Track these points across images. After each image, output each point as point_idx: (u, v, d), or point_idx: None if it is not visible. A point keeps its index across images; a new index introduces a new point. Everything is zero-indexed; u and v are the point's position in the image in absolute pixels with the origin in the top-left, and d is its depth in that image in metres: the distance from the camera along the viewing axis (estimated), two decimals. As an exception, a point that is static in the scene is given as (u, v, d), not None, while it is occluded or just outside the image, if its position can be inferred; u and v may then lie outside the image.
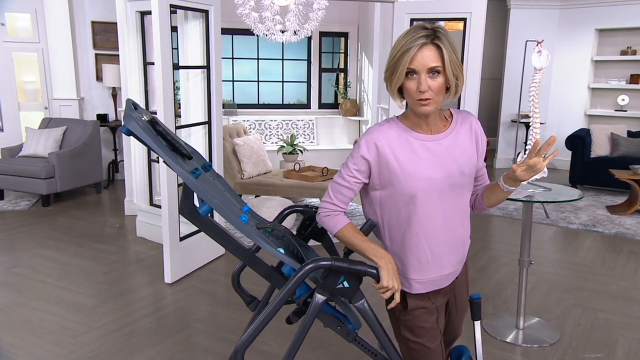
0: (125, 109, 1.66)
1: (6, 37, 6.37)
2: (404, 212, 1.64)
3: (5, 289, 3.55)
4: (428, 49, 1.48)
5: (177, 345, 2.87)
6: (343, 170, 1.69)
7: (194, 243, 3.87)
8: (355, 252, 1.73)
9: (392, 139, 1.61)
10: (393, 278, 1.64)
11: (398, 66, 1.50)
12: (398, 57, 1.50)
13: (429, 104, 1.53)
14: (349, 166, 1.66)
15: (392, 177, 1.61)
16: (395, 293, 1.64)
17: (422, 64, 1.48)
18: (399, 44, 1.52)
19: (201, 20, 3.86)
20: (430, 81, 1.51)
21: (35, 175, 5.49)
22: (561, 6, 7.70)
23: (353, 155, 1.65)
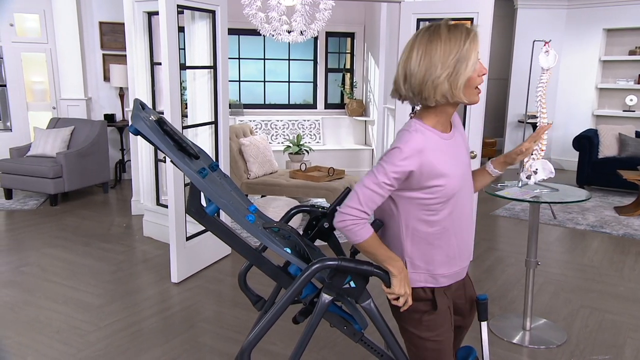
0: (133, 109, 1.67)
1: (15, 37, 6.42)
2: (440, 212, 1.62)
3: (13, 288, 3.57)
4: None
5: (184, 345, 2.87)
6: (379, 177, 1.55)
7: (200, 243, 3.88)
8: (372, 259, 1.65)
9: (429, 143, 1.58)
10: (405, 285, 1.64)
11: (470, 55, 1.50)
12: (466, 45, 1.50)
13: (480, 91, 1.58)
14: (388, 174, 1.55)
15: (434, 181, 1.57)
16: (409, 298, 1.66)
17: (480, 50, 1.55)
18: (454, 37, 1.51)
19: (208, 21, 3.87)
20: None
21: (43, 174, 5.53)
22: (569, 6, 7.66)
23: (394, 163, 1.54)
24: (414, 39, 1.57)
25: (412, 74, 1.54)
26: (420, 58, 1.53)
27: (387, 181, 1.55)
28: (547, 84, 2.96)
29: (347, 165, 6.43)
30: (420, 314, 1.72)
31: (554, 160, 8.07)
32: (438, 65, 1.51)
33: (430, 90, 1.53)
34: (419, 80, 1.53)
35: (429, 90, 1.54)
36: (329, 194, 5.04)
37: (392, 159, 1.54)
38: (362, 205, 1.57)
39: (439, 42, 1.51)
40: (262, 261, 1.88)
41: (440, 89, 1.52)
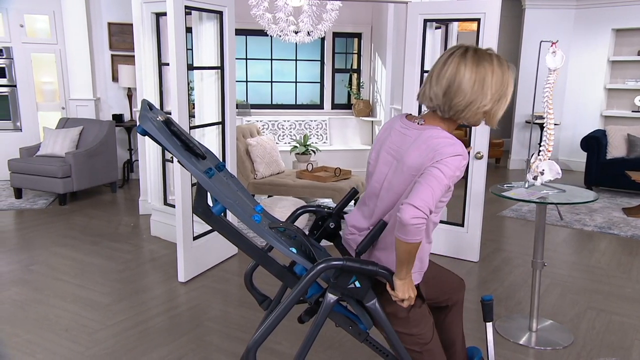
0: (140, 110, 1.69)
1: (25, 38, 6.48)
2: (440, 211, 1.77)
3: (23, 286, 3.61)
4: None
5: (190, 344, 2.89)
6: (448, 177, 1.57)
7: (207, 242, 3.90)
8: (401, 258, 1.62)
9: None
10: (410, 289, 1.69)
11: (510, 90, 1.67)
12: (509, 84, 1.66)
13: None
14: (454, 176, 1.59)
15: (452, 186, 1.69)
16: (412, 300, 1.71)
17: None
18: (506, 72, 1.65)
19: (215, 21, 3.89)
20: None
21: (52, 174, 5.58)
22: (577, 6, 7.62)
23: (457, 169, 1.58)
24: (460, 57, 1.62)
25: (461, 91, 1.60)
26: (474, 81, 1.59)
27: (451, 182, 1.60)
28: (554, 85, 2.96)
29: (353, 166, 6.43)
30: (406, 311, 1.79)
31: (562, 161, 8.02)
32: (488, 95, 1.60)
33: (472, 113, 1.62)
34: (467, 101, 1.60)
35: (471, 112, 1.62)
36: (335, 194, 5.05)
37: (453, 164, 1.57)
38: (432, 203, 1.54)
39: (491, 71, 1.60)
40: (268, 261, 1.90)
41: (481, 115, 1.63)
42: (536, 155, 3.01)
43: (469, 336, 2.90)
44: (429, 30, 4.15)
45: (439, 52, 4.54)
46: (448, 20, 4.26)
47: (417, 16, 4.06)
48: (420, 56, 4.10)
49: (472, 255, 4.18)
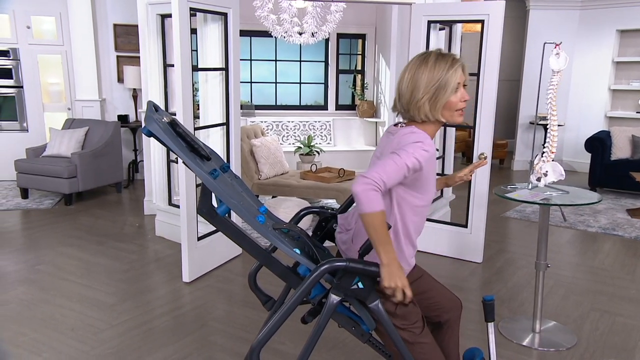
0: (146, 111, 1.71)
1: (32, 40, 6.54)
2: (423, 208, 1.87)
3: (29, 286, 3.64)
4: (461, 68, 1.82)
5: (195, 344, 2.91)
6: (404, 157, 1.68)
7: (211, 243, 3.92)
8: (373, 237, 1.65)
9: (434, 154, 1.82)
10: (396, 277, 1.66)
11: (449, 83, 1.78)
12: (447, 75, 1.78)
13: (463, 113, 1.86)
14: (411, 159, 1.68)
15: (429, 179, 1.80)
16: (405, 289, 1.68)
17: (463, 79, 1.82)
18: (438, 67, 1.78)
19: (220, 23, 3.91)
20: (465, 93, 1.83)
21: (58, 174, 5.62)
22: (582, 7, 7.61)
23: (415, 155, 1.69)
24: (408, 64, 1.86)
25: (402, 94, 1.83)
26: (408, 81, 1.82)
27: (409, 164, 1.68)
28: (558, 86, 2.96)
29: (357, 167, 6.44)
30: (394, 305, 1.80)
31: (566, 162, 8.01)
32: (420, 89, 1.79)
33: (415, 110, 1.82)
34: (406, 100, 1.82)
35: (413, 110, 1.82)
36: (339, 195, 5.07)
37: (415, 149, 1.71)
38: (385, 176, 1.64)
39: (425, 69, 1.80)
40: (272, 261, 1.91)
41: (423, 109, 1.80)
42: (539, 157, 3.01)
43: (471, 337, 2.93)
44: (433, 31, 4.16)
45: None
46: (452, 22, 4.27)
47: (421, 17, 4.07)
48: (424, 57, 4.11)
49: (476, 256, 4.18)
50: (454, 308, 2.08)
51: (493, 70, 3.87)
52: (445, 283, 3.67)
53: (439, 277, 3.80)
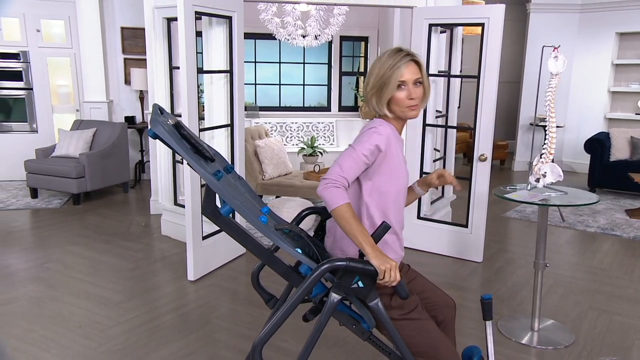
0: (152, 114, 1.76)
1: (41, 43, 6.63)
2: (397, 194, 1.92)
3: (38, 284, 3.72)
4: (412, 65, 1.85)
5: (199, 341, 2.96)
6: (358, 149, 1.79)
7: (216, 242, 3.97)
8: (347, 231, 1.73)
9: (394, 137, 1.88)
10: (386, 259, 1.70)
11: (389, 80, 1.83)
12: (389, 72, 1.83)
13: (416, 109, 1.88)
14: (366, 147, 1.79)
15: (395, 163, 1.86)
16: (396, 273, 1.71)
17: (409, 77, 1.84)
18: (385, 63, 1.85)
19: (225, 26, 3.96)
20: (416, 90, 1.85)
21: (66, 175, 5.70)
22: (581, 10, 7.64)
23: (369, 141, 1.80)
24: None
25: (365, 87, 1.93)
26: (368, 75, 1.92)
27: (365, 153, 1.78)
28: (556, 89, 3.01)
29: (360, 167, 6.49)
30: (388, 296, 1.86)
31: (566, 163, 8.04)
32: (370, 84, 1.88)
33: (368, 103, 1.90)
34: (363, 93, 1.92)
35: (367, 102, 1.91)
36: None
37: (368, 137, 1.82)
38: (343, 171, 1.77)
39: (378, 64, 1.88)
40: (274, 261, 1.95)
41: (371, 103, 1.90)
42: (538, 158, 3.06)
43: (470, 335, 2.98)
44: (434, 34, 4.21)
45: (444, 56, 4.60)
46: (452, 25, 4.32)
47: (422, 21, 4.12)
48: (425, 60, 4.16)
49: (476, 255, 4.23)
50: (449, 307, 2.13)
51: (493, 73, 3.91)
52: (446, 282, 3.76)
53: (440, 276, 3.90)
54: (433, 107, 4.45)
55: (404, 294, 1.76)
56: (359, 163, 1.79)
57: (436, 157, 4.78)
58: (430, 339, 1.89)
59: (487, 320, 2.19)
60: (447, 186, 4.98)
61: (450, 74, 4.60)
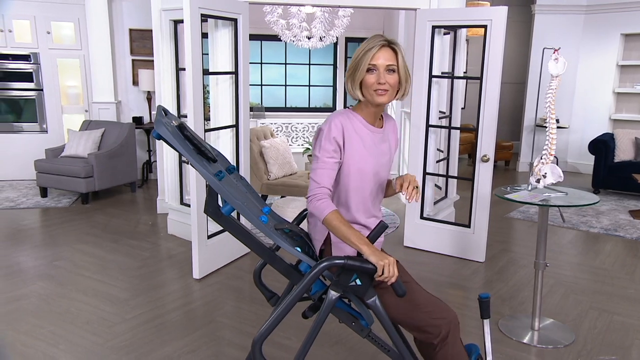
0: (156, 115, 1.81)
1: (52, 44, 6.73)
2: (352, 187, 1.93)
3: (47, 281, 3.79)
4: (386, 51, 1.84)
5: (204, 338, 3.01)
6: (320, 155, 1.85)
7: (221, 241, 4.02)
8: (339, 236, 1.81)
9: (351, 125, 1.90)
10: (383, 255, 1.75)
11: (361, 63, 1.84)
12: (361, 55, 1.84)
13: (385, 95, 1.86)
14: (326, 147, 1.85)
15: (351, 155, 1.88)
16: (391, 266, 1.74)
17: (382, 62, 1.83)
18: (361, 46, 1.86)
19: (230, 28, 4.01)
20: (387, 76, 1.84)
21: (75, 174, 5.78)
22: (586, 11, 7.63)
23: (325, 140, 1.85)
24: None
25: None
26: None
27: (328, 155, 1.83)
28: (557, 91, 3.03)
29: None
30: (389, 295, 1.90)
31: (570, 164, 8.04)
32: (349, 67, 1.89)
33: (346, 87, 1.93)
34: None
35: (346, 86, 1.93)
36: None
37: (322, 136, 1.86)
38: (320, 182, 1.84)
39: (357, 49, 1.89)
40: (275, 259, 1.99)
41: (348, 86, 1.91)
42: (539, 159, 3.08)
43: (472, 334, 3.01)
44: (438, 35, 4.24)
45: (447, 57, 4.63)
46: (455, 27, 4.35)
47: (425, 22, 4.15)
48: (428, 61, 4.20)
49: (478, 255, 4.26)
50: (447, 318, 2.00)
51: (495, 74, 3.94)
52: (448, 282, 3.80)
53: (442, 275, 3.93)
54: (436, 108, 4.48)
55: (400, 291, 1.80)
56: (328, 167, 1.85)
57: (440, 158, 4.81)
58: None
59: (485, 319, 2.22)
60: (450, 186, 5.00)
61: (453, 75, 4.63)
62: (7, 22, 6.51)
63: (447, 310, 1.97)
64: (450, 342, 1.95)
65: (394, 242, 4.66)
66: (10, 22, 6.53)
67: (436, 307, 1.96)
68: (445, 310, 1.97)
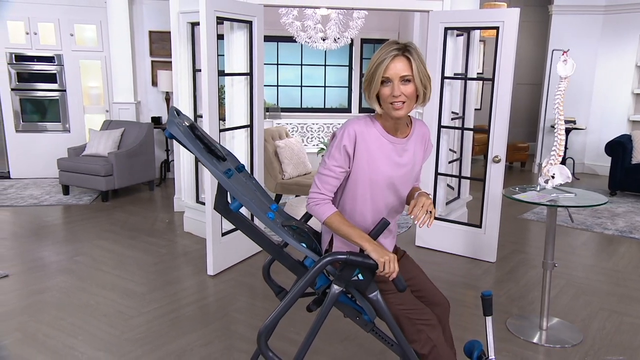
0: (168, 116, 1.90)
1: (75, 46, 6.92)
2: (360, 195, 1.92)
3: (68, 275, 3.92)
4: (399, 60, 1.77)
5: (216, 332, 3.09)
6: (328, 161, 1.87)
7: (234, 238, 4.08)
8: (342, 236, 1.87)
9: (367, 134, 1.86)
10: (383, 251, 1.80)
11: (375, 76, 1.78)
12: (374, 68, 1.78)
13: (402, 108, 1.80)
14: (334, 155, 1.85)
15: (361, 165, 1.86)
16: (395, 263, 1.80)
17: (395, 73, 1.77)
18: (374, 57, 1.80)
19: (245, 30, 4.08)
20: (402, 87, 1.77)
21: (96, 173, 5.93)
22: (605, 11, 7.54)
23: (335, 147, 1.85)
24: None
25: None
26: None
27: (335, 163, 1.84)
28: (565, 92, 3.05)
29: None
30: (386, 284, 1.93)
31: (588, 165, 7.96)
32: (364, 79, 1.85)
33: (364, 95, 1.87)
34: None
35: (364, 95, 1.87)
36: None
37: (334, 142, 1.86)
38: (320, 188, 1.88)
39: (371, 59, 1.83)
40: (282, 255, 2.06)
41: (365, 96, 1.86)
42: (547, 160, 3.10)
43: (479, 332, 3.04)
44: (450, 37, 4.27)
45: (461, 58, 4.65)
46: (467, 29, 4.37)
47: (438, 24, 4.18)
48: (441, 63, 4.23)
49: (490, 255, 4.27)
50: (441, 306, 2.15)
51: (507, 76, 3.95)
52: (459, 281, 3.83)
53: (453, 275, 3.97)
54: (449, 109, 4.51)
55: (401, 286, 1.85)
56: (332, 175, 1.86)
57: (452, 159, 4.83)
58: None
59: (487, 316, 2.26)
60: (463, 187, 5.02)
61: (466, 76, 4.65)
62: (32, 25, 6.72)
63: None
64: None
65: (406, 241, 4.70)
66: (36, 25, 6.74)
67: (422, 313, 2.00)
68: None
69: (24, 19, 6.68)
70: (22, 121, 7.00)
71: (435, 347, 1.94)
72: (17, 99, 6.92)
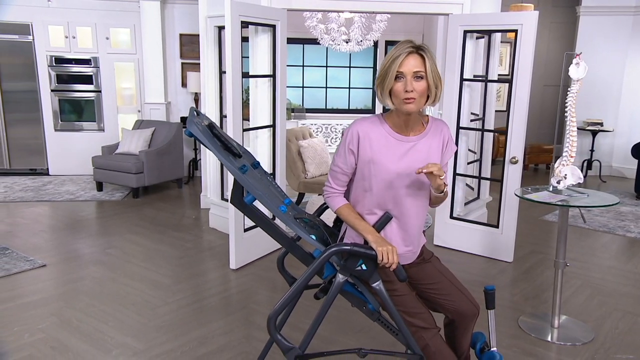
0: (188, 116, 2.05)
1: (110, 49, 7.22)
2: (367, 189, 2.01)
3: (100, 266, 4.15)
4: (413, 57, 1.84)
5: (237, 322, 3.24)
6: (336, 159, 2.04)
7: (256, 235, 4.21)
8: (350, 226, 2.04)
9: (372, 132, 1.96)
10: (383, 242, 1.92)
11: (389, 71, 1.84)
12: (389, 63, 1.85)
13: (413, 103, 1.86)
14: (341, 153, 2.02)
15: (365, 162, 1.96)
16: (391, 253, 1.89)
17: (409, 69, 1.83)
18: (389, 54, 1.88)
19: (269, 34, 4.23)
20: (415, 83, 1.84)
21: (127, 170, 6.20)
22: (635, 12, 7.40)
23: (342, 145, 2.00)
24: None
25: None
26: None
27: (342, 160, 2.00)
28: (577, 94, 3.08)
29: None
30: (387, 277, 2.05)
31: (615, 168, 7.83)
32: (378, 75, 1.92)
33: (376, 94, 1.95)
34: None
35: (376, 94, 1.95)
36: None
37: (342, 141, 2.00)
38: (331, 183, 2.07)
39: (387, 55, 1.90)
40: (294, 247, 2.19)
41: (378, 93, 1.94)
42: (560, 161, 3.14)
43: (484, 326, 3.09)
44: (470, 40, 4.33)
45: (481, 61, 4.69)
46: (486, 32, 4.41)
47: (457, 27, 4.25)
48: (460, 65, 4.29)
49: (507, 255, 4.31)
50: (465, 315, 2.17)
51: (525, 78, 3.99)
52: (475, 280, 3.90)
53: (470, 274, 4.04)
54: (468, 110, 4.56)
55: (401, 276, 1.96)
56: (340, 171, 2.03)
57: (471, 160, 4.87)
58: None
59: (490, 310, 2.35)
60: (482, 187, 5.06)
61: (487, 78, 4.69)
62: (71, 29, 7.06)
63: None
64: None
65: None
66: (74, 29, 7.07)
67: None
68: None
69: (63, 23, 7.02)
70: (61, 120, 7.34)
71: (427, 346, 2.03)
72: (56, 99, 7.26)
